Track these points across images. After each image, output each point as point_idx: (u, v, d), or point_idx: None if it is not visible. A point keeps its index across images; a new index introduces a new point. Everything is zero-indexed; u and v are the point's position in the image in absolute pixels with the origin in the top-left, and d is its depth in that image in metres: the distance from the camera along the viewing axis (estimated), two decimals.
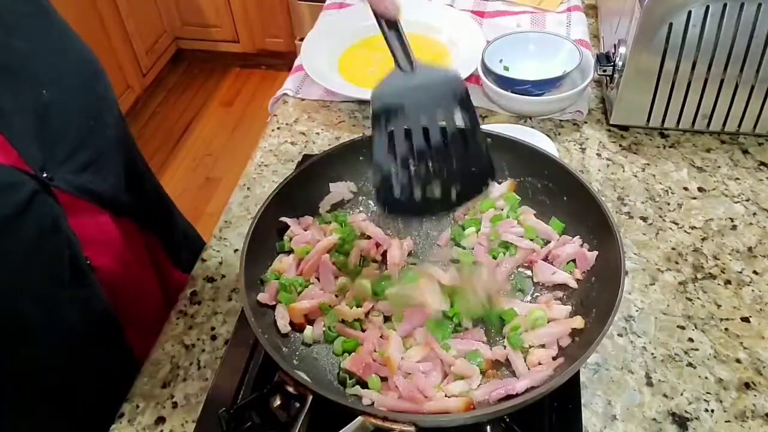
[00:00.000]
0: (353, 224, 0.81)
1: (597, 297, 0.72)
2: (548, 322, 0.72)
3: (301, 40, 1.26)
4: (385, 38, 0.61)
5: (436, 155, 0.62)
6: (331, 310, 0.74)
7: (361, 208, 0.87)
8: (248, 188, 1.02)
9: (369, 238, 0.81)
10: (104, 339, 0.78)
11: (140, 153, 0.90)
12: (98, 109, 0.75)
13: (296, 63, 1.24)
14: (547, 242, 0.80)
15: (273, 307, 0.75)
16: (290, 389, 0.62)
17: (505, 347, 0.70)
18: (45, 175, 0.65)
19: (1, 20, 0.65)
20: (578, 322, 0.71)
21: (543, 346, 0.70)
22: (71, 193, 0.69)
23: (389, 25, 0.61)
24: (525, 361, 0.69)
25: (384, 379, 0.68)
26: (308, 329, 0.73)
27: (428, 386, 0.67)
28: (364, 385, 0.68)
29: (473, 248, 0.80)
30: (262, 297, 0.73)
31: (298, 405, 0.61)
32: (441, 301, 0.72)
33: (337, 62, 1.22)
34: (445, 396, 0.66)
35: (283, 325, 0.73)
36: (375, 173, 0.63)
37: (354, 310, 0.73)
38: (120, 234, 0.79)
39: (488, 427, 0.66)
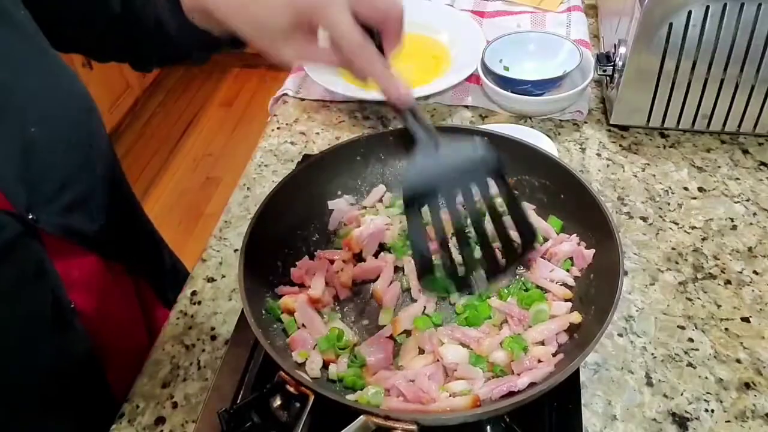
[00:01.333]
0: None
1: (596, 294, 0.72)
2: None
3: None
4: (405, 123, 0.59)
5: (476, 232, 0.60)
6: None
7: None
8: (248, 188, 1.02)
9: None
10: (84, 381, 0.75)
11: (132, 191, 0.87)
12: (88, 147, 0.72)
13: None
14: (546, 240, 0.80)
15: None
16: (291, 389, 0.62)
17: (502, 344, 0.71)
18: (30, 216, 0.62)
19: None
20: (575, 317, 0.71)
21: (542, 343, 0.70)
22: (57, 234, 0.66)
23: (406, 110, 0.59)
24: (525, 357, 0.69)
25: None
26: (332, 366, 0.71)
27: (432, 388, 0.66)
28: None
29: None
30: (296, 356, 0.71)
31: (299, 405, 0.61)
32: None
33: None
34: (450, 396, 0.66)
35: (313, 369, 0.70)
36: (415, 259, 0.62)
37: None
38: (107, 276, 0.76)
39: (488, 427, 0.66)
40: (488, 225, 0.61)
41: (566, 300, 0.74)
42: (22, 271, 0.62)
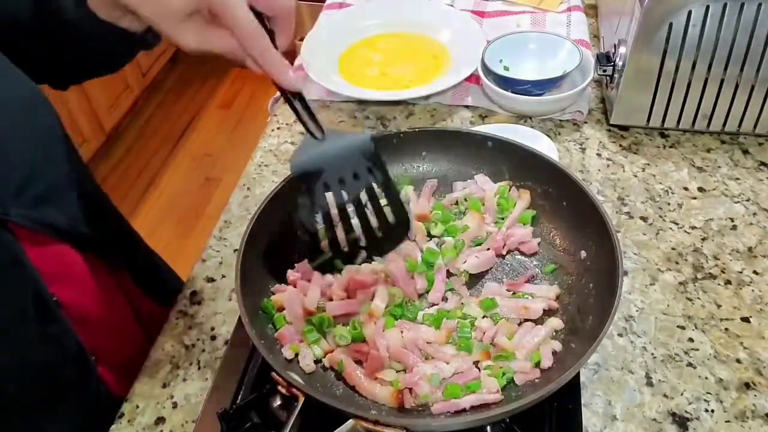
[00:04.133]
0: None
1: (595, 303, 0.72)
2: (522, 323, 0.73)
3: (301, 39, 1.26)
4: (293, 110, 0.64)
5: (356, 210, 0.67)
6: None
7: None
8: (248, 188, 1.02)
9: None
10: (75, 376, 0.75)
11: (98, 185, 0.89)
12: (47, 141, 0.73)
13: (296, 63, 1.24)
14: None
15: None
16: (283, 390, 0.62)
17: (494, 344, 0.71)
18: (6, 214, 0.64)
19: None
20: (556, 323, 0.72)
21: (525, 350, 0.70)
22: (29, 227, 0.68)
23: (294, 96, 0.63)
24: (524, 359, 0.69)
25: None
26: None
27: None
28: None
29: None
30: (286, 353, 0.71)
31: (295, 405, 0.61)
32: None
33: (337, 62, 1.22)
34: (379, 384, 0.68)
35: (308, 364, 0.71)
36: (302, 235, 0.67)
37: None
38: (85, 268, 0.77)
39: (488, 428, 0.66)
40: (368, 207, 0.68)
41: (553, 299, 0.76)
42: (0, 262, 0.64)
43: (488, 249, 0.81)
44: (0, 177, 0.66)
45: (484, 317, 0.74)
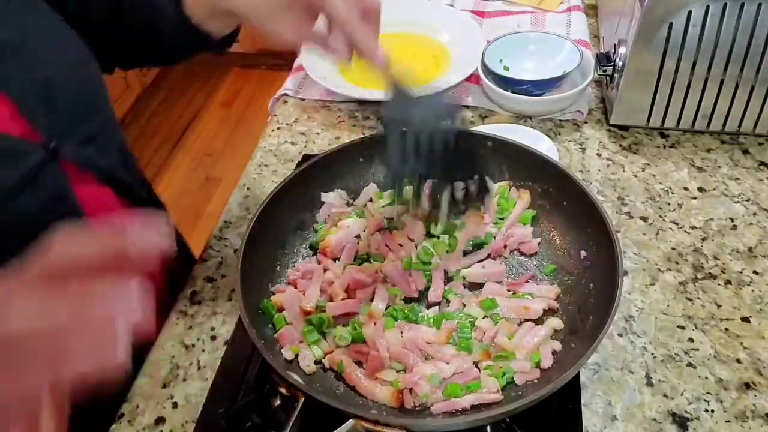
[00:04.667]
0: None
1: (595, 303, 0.72)
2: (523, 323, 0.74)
3: None
4: (386, 80, 0.69)
5: (442, 158, 0.69)
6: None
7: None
8: (248, 188, 1.02)
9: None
10: None
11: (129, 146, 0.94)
12: (94, 88, 0.77)
13: (296, 63, 1.24)
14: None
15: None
16: (283, 391, 0.62)
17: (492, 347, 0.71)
18: (52, 145, 0.67)
19: None
20: (556, 323, 0.72)
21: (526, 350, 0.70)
22: (77, 165, 0.71)
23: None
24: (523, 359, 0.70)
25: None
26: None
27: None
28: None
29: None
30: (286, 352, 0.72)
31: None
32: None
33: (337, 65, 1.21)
34: (379, 384, 0.68)
35: (308, 365, 0.71)
36: (388, 174, 0.76)
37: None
38: (122, 209, 0.81)
39: (488, 428, 0.66)
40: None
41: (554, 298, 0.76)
42: (48, 195, 0.67)
43: (493, 258, 0.82)
44: (57, 117, 0.69)
45: (484, 317, 0.74)
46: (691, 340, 0.78)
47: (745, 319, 0.80)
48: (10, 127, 0.64)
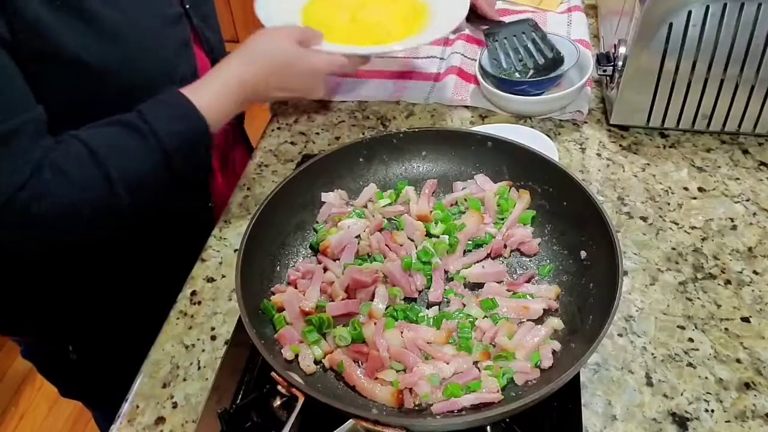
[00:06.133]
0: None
1: (595, 303, 0.72)
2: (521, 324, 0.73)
3: None
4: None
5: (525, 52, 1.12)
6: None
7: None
8: (248, 188, 1.02)
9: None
10: (197, 182, 1.00)
11: None
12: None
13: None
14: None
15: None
16: (283, 390, 0.62)
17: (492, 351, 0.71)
18: (187, 5, 0.95)
19: None
20: (556, 323, 0.72)
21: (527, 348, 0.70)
22: (197, 30, 0.97)
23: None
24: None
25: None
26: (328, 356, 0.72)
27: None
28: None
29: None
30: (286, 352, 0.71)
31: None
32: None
33: (300, 12, 1.03)
34: (379, 384, 0.68)
35: (308, 365, 0.71)
36: (493, 59, 1.12)
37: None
38: None
39: (488, 428, 0.66)
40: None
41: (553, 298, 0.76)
42: (180, 40, 0.92)
43: (493, 258, 0.82)
44: None
45: (484, 317, 0.74)
46: (691, 340, 0.78)
47: (745, 319, 0.80)
48: None
